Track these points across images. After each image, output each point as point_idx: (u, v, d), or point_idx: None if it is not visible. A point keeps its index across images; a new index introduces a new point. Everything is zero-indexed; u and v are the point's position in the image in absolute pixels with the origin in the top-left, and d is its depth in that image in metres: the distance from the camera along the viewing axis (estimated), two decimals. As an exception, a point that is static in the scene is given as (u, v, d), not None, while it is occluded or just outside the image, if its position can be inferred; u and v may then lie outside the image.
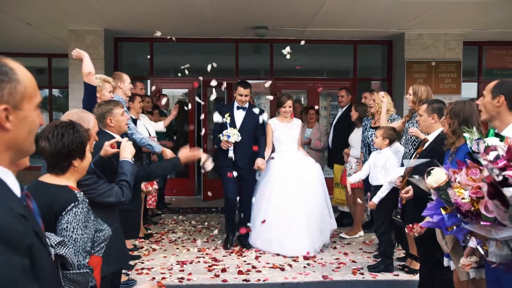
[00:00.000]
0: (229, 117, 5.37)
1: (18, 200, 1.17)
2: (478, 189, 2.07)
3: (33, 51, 9.33)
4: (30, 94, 1.18)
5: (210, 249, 5.44)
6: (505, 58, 8.92)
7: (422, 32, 7.98)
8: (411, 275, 4.53)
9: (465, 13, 6.82)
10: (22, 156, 1.24)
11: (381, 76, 8.99)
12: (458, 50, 8.15)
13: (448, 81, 8.14)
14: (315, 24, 7.24)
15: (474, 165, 2.17)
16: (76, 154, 2.12)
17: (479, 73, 8.98)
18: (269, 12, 6.69)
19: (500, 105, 2.60)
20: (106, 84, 4.21)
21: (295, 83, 9.07)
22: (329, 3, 6.11)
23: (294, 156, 5.52)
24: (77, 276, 1.95)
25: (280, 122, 5.55)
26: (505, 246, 2.20)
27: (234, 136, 5.25)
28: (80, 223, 2.06)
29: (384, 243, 4.70)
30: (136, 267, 4.75)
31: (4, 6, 6.14)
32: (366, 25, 7.50)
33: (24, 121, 1.17)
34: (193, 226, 6.59)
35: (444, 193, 2.27)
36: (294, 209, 5.15)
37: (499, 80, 2.70)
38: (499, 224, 2.05)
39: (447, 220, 2.29)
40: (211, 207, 7.69)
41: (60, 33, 7.83)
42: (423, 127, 3.78)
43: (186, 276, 4.53)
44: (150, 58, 8.50)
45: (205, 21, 7.21)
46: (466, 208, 2.11)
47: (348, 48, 8.69)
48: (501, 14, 6.81)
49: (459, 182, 2.19)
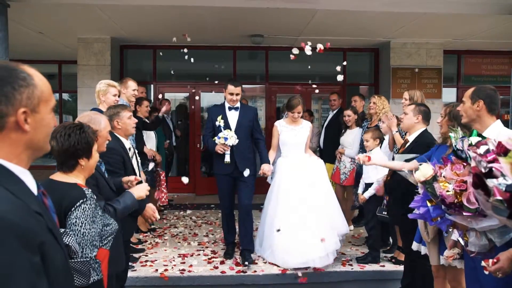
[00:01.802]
0: (222, 119, 4.62)
1: (35, 198, 1.17)
2: (461, 183, 2.14)
3: (44, 58, 9.30)
4: (46, 98, 1.19)
5: (210, 242, 5.42)
6: (481, 66, 9.00)
7: (406, 41, 8.03)
8: (396, 265, 4.54)
9: (444, 24, 6.88)
10: (38, 155, 1.24)
11: (369, 81, 9.00)
12: (439, 58, 8.22)
13: (430, 87, 8.20)
14: (307, 33, 7.23)
15: (458, 162, 2.23)
16: (82, 153, 2.13)
17: (458, 79, 9.05)
18: (264, 22, 6.69)
19: (480, 109, 2.64)
20: (110, 88, 4.17)
21: (289, 88, 9.06)
22: (320, 14, 6.12)
23: (300, 159, 4.85)
24: (77, 265, 1.94)
25: (287, 124, 4.92)
26: (483, 236, 2.27)
27: (232, 138, 4.50)
28: (88, 218, 2.05)
29: (372, 237, 4.72)
30: (140, 260, 4.73)
31: (18, 17, 6.14)
32: (355, 34, 7.52)
33: (41, 123, 1.18)
34: (193, 221, 6.56)
35: (430, 187, 2.34)
36: (304, 214, 4.48)
37: (476, 87, 2.74)
38: (480, 215, 2.13)
39: (432, 211, 2.38)
40: (211, 204, 7.67)
41: (69, 41, 7.81)
42: (405, 124, 3.75)
43: (187, 268, 4.51)
44: (153, 64, 8.50)
45: (204, 30, 7.20)
46: (450, 200, 2.18)
47: (338, 55, 8.70)
48: (477, 26, 6.92)
49: (444, 177, 2.25)
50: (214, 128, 4.66)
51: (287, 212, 4.51)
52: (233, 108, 4.72)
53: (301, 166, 4.75)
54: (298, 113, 4.80)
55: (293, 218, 4.46)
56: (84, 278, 1.97)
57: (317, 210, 4.51)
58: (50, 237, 1.15)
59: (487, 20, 6.48)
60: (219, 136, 4.50)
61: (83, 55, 7.70)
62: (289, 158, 4.84)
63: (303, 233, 4.38)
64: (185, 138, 8.70)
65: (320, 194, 4.63)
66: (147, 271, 4.42)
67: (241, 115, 4.73)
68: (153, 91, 8.67)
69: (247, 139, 4.74)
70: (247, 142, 4.73)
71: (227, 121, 4.65)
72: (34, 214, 1.11)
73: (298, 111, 4.80)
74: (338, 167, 5.86)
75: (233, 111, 4.73)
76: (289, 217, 4.48)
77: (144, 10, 6.09)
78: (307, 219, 4.44)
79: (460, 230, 2.44)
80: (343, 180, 5.73)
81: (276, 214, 4.57)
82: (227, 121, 4.65)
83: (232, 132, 4.54)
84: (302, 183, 4.60)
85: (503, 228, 2.18)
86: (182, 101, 9.52)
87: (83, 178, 2.20)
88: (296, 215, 4.46)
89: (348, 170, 5.69)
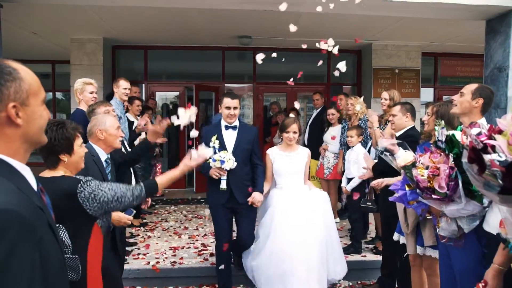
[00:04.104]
0: (217, 139, 3.71)
1: (35, 193, 1.15)
2: (435, 169, 2.27)
3: (38, 57, 9.15)
4: (35, 90, 1.15)
5: (200, 236, 5.40)
6: (456, 68, 9.13)
7: (387, 43, 8.09)
8: (377, 255, 4.57)
9: (422, 28, 6.95)
10: (34, 147, 1.21)
11: (352, 81, 9.04)
12: (417, 60, 8.32)
13: (409, 87, 8.28)
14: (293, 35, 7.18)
15: (437, 151, 2.33)
16: (60, 149, 2.07)
17: (435, 80, 9.16)
18: (252, 24, 6.67)
19: (478, 106, 2.67)
20: (86, 86, 4.09)
21: (276, 87, 9.09)
22: (304, 17, 6.12)
23: (297, 191, 3.92)
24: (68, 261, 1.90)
25: (280, 151, 3.97)
26: (453, 223, 2.41)
27: (229, 161, 3.62)
28: (97, 187, 2.02)
29: (355, 229, 4.75)
30: (132, 253, 4.68)
31: (13, 18, 6.03)
32: (338, 36, 7.50)
33: (33, 116, 1.14)
34: (184, 216, 6.53)
35: (409, 172, 2.46)
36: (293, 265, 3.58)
37: (480, 85, 2.75)
38: (448, 200, 2.28)
39: (409, 195, 2.51)
40: (201, 198, 7.63)
41: (62, 41, 7.70)
42: (397, 125, 3.73)
43: (178, 260, 4.48)
44: (145, 64, 8.42)
45: (195, 31, 7.16)
46: (424, 185, 2.32)
47: (323, 56, 8.70)
48: (452, 31, 7.04)
49: (422, 163, 2.37)
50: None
51: (276, 256, 3.65)
52: (230, 127, 3.79)
53: (298, 200, 3.83)
54: (293, 133, 3.88)
55: (281, 266, 3.62)
56: (75, 273, 1.94)
57: (311, 256, 3.60)
58: (50, 233, 1.13)
59: (461, 25, 6.58)
60: (214, 159, 3.61)
61: (76, 55, 7.60)
62: (284, 190, 3.94)
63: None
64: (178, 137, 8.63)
65: (318, 235, 3.68)
66: (139, 264, 4.38)
67: (240, 135, 3.81)
68: (144, 90, 8.60)
69: (245, 164, 3.79)
70: (245, 168, 3.80)
71: (223, 142, 3.74)
72: (37, 208, 1.09)
73: (294, 131, 3.88)
74: (322, 163, 5.88)
75: (230, 130, 3.79)
76: (278, 265, 3.63)
77: (135, 12, 6.02)
78: (297, 270, 3.57)
79: (434, 216, 2.58)
80: (327, 175, 5.77)
81: (262, 258, 3.72)
82: (223, 142, 3.74)
83: (229, 154, 3.66)
84: (297, 220, 3.68)
85: (471, 217, 2.32)
86: (173, 100, 9.47)
87: (70, 173, 2.14)
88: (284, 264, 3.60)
89: (331, 165, 5.74)
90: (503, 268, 1.96)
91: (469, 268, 2.35)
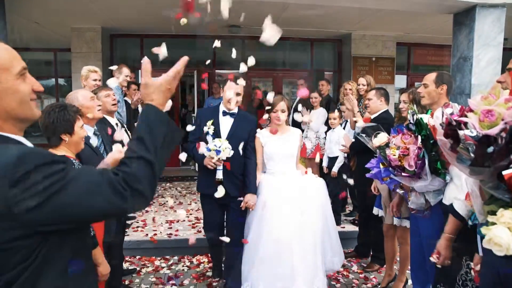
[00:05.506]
0: (212, 125, 3.20)
1: None
2: (405, 149, 2.34)
3: (40, 46, 8.91)
4: (5, 65, 1.00)
5: (194, 210, 5.43)
6: (427, 57, 9.18)
7: (365, 33, 8.08)
8: (355, 226, 4.66)
9: (397, 20, 6.96)
10: (27, 123, 1.08)
11: (333, 68, 9.02)
12: (393, 49, 8.33)
13: (385, 74, 8.31)
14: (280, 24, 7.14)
15: (408, 133, 2.39)
16: (62, 129, 2.09)
17: (408, 68, 9.20)
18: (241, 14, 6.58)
19: (443, 92, 2.70)
20: (90, 74, 4.02)
21: (263, 73, 9.04)
22: (290, 9, 6.07)
23: (290, 176, 3.31)
24: None
25: (271, 133, 3.37)
26: (422, 197, 2.51)
27: (226, 150, 3.05)
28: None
29: (335, 203, 4.82)
30: (132, 226, 4.71)
31: (16, 8, 5.87)
32: (321, 26, 7.53)
33: (6, 92, 1.00)
34: (179, 192, 6.55)
35: (383, 152, 2.53)
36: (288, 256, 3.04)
37: (438, 73, 2.75)
38: (416, 177, 2.36)
39: (383, 172, 2.59)
40: (194, 176, 7.65)
41: (63, 30, 7.52)
42: (373, 108, 3.76)
43: (173, 232, 4.52)
44: (140, 51, 8.29)
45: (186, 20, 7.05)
46: (396, 163, 2.39)
47: (306, 44, 8.69)
48: (424, 23, 7.07)
49: (394, 144, 2.43)
50: (202, 135, 3.21)
51: (268, 246, 3.07)
52: (228, 113, 3.26)
53: (291, 186, 3.22)
54: (282, 111, 3.31)
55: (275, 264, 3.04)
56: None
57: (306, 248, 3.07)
58: None
59: (432, 18, 6.60)
60: (209, 148, 3.05)
61: (76, 44, 7.46)
62: (275, 175, 3.33)
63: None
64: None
65: (314, 228, 3.15)
66: (138, 236, 4.42)
67: (237, 123, 3.24)
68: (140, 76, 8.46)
69: (239, 155, 3.19)
70: (241, 158, 3.22)
71: (218, 128, 3.21)
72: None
73: (282, 109, 3.31)
74: (305, 143, 5.92)
75: (227, 116, 3.26)
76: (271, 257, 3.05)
77: (131, 3, 5.91)
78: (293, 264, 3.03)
79: (405, 191, 2.67)
80: (309, 154, 5.81)
81: (257, 247, 3.10)
82: (218, 128, 3.21)
83: (226, 142, 3.09)
84: (291, 217, 3.09)
85: (436, 191, 2.42)
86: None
87: (72, 153, 2.16)
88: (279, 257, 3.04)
89: (313, 145, 5.77)
90: (453, 236, 2.04)
91: (433, 235, 2.44)
